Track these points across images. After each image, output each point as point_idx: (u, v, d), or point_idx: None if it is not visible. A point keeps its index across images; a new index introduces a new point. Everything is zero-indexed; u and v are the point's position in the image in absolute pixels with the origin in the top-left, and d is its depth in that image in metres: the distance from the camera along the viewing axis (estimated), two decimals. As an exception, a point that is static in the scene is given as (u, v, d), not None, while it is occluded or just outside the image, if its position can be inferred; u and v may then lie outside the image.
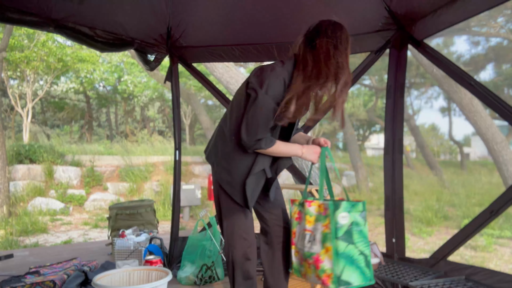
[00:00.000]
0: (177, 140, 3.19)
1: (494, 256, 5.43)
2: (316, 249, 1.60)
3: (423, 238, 6.46)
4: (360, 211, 1.63)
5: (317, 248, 1.60)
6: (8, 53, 10.52)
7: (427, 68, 7.05)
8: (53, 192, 8.61)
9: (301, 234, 1.69)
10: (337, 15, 1.66)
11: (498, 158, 6.24)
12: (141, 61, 3.06)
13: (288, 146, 1.70)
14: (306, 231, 1.66)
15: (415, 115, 19.19)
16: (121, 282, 1.49)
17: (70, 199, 8.65)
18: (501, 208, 2.05)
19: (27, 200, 8.14)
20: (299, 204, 1.75)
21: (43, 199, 8.18)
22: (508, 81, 13.77)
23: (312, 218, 1.66)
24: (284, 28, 2.81)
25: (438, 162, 13.98)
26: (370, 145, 26.28)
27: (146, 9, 2.63)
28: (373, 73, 15.43)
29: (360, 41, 2.71)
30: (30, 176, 8.71)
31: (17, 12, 2.07)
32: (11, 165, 8.60)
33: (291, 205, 1.81)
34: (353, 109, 18.12)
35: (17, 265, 3.26)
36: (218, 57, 3.16)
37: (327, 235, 1.57)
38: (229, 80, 4.25)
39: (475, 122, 6.38)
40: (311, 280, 1.66)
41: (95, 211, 8.51)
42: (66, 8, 2.25)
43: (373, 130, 22.31)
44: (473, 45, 13.18)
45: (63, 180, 9.02)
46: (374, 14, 2.48)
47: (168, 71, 3.19)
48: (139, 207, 3.74)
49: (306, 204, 1.69)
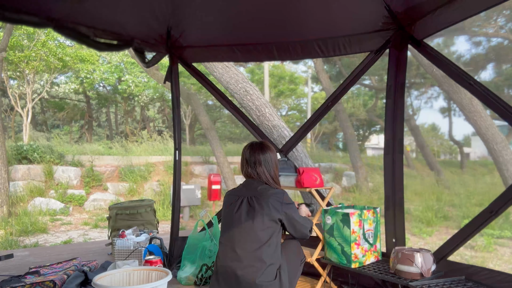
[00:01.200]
0: (177, 140, 3.19)
1: (494, 256, 5.43)
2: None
3: (423, 238, 6.46)
4: (340, 218, 2.40)
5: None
6: (8, 53, 10.52)
7: (427, 68, 7.04)
8: (53, 192, 8.62)
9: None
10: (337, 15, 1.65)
11: (498, 158, 6.24)
12: (139, 59, 3.06)
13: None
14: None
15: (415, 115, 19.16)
16: (121, 282, 1.49)
17: (70, 199, 8.65)
18: (501, 208, 2.05)
19: (27, 200, 8.14)
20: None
21: (43, 199, 8.18)
22: (508, 81, 13.77)
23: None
24: (284, 28, 2.81)
25: (438, 162, 13.99)
26: (370, 145, 26.28)
27: (146, 9, 2.63)
28: (373, 73, 15.44)
29: (360, 41, 2.71)
30: (30, 176, 8.71)
31: (16, 12, 2.06)
32: (11, 165, 8.60)
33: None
34: (353, 109, 18.12)
35: (17, 265, 3.27)
36: (218, 57, 3.16)
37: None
38: (229, 80, 4.24)
39: (475, 122, 6.38)
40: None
41: (95, 211, 8.51)
42: (66, 7, 2.24)
43: (373, 130, 22.29)
44: (474, 45, 13.16)
45: (63, 180, 9.02)
46: (374, 14, 2.47)
47: (168, 71, 3.19)
48: (139, 207, 3.74)
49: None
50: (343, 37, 2.72)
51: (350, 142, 12.17)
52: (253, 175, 2.14)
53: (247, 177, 2.18)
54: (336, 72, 16.26)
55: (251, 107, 4.07)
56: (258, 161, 2.14)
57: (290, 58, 2.99)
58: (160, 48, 3.01)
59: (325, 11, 2.56)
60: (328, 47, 2.79)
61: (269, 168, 2.15)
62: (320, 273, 2.63)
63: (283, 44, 2.90)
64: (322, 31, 2.75)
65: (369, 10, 2.46)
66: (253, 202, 2.02)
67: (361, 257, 2.38)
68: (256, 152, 2.16)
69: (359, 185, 11.29)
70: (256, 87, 4.30)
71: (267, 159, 2.16)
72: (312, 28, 2.76)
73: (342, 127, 12.88)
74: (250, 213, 2.00)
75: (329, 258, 2.49)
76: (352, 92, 18.50)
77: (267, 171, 2.14)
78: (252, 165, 2.15)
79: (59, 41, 12.32)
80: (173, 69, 3.16)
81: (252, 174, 2.15)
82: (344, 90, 2.99)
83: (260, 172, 2.13)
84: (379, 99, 16.71)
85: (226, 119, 20.19)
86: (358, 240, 2.37)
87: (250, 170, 2.15)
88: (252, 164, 2.15)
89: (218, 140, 9.66)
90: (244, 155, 2.19)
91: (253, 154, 2.16)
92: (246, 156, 2.18)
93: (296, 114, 20.91)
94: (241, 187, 2.17)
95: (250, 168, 2.15)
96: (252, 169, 2.15)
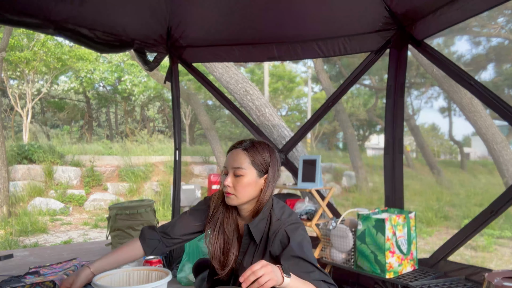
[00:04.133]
0: (177, 140, 3.19)
1: (494, 256, 5.43)
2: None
3: (423, 238, 6.46)
4: (373, 224, 2.23)
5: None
6: (8, 53, 10.52)
7: (427, 68, 7.04)
8: (53, 192, 8.61)
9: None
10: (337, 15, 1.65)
11: (498, 158, 6.24)
12: (141, 61, 3.06)
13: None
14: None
15: (415, 115, 19.15)
16: (121, 282, 1.49)
17: (70, 199, 8.65)
18: (501, 208, 2.05)
19: (27, 200, 8.14)
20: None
21: (43, 199, 8.17)
22: (508, 81, 13.76)
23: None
24: (284, 28, 2.81)
25: (438, 162, 13.98)
26: (370, 145, 26.28)
27: (145, 10, 2.63)
28: (373, 73, 15.43)
29: (360, 41, 2.71)
30: (30, 176, 8.71)
31: (17, 14, 2.06)
32: (11, 165, 8.60)
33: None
34: (353, 109, 18.12)
35: (17, 265, 3.26)
36: (218, 57, 3.16)
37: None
38: (229, 80, 4.24)
39: (475, 122, 6.38)
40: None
41: (95, 211, 8.50)
42: (66, 9, 2.24)
43: (373, 130, 22.29)
44: (474, 45, 13.15)
45: (63, 180, 9.02)
46: (374, 14, 2.47)
47: (168, 71, 3.19)
48: (139, 207, 3.73)
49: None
50: (343, 37, 2.72)
51: (350, 142, 12.16)
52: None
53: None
54: (336, 72, 16.25)
55: (251, 107, 4.07)
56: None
57: (290, 58, 2.99)
58: (160, 48, 3.01)
59: (325, 11, 2.56)
60: (328, 47, 2.79)
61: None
62: (320, 273, 2.63)
63: (283, 44, 2.90)
64: (322, 31, 2.75)
65: (369, 10, 2.46)
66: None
67: (396, 266, 2.19)
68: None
69: (359, 185, 11.28)
70: (256, 87, 4.30)
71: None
72: (312, 28, 2.76)
73: (342, 127, 12.88)
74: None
75: (361, 267, 2.30)
76: (352, 92, 18.49)
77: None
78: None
79: (58, 41, 12.31)
80: (173, 69, 3.16)
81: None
82: (344, 90, 2.99)
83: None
84: (379, 99, 16.70)
85: (226, 119, 20.19)
86: (393, 248, 2.19)
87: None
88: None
89: (218, 140, 9.65)
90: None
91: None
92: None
93: (296, 114, 20.91)
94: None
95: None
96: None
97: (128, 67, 14.64)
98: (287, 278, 1.11)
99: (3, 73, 11.58)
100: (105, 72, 14.42)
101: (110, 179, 9.83)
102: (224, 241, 1.44)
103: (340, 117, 12.55)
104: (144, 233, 1.53)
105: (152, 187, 9.78)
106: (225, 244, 1.43)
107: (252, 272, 1.07)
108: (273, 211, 1.39)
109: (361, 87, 18.52)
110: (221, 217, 1.45)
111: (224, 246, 1.43)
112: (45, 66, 12.57)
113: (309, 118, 3.26)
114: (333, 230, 2.46)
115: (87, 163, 9.79)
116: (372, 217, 2.24)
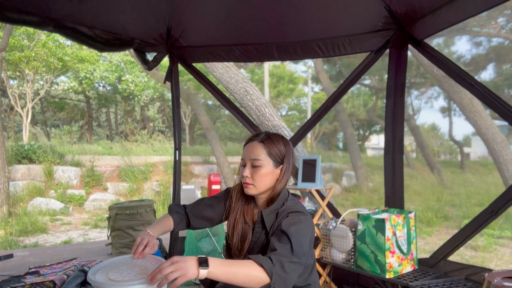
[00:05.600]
0: (177, 140, 3.19)
1: (494, 256, 5.43)
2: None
3: (423, 238, 6.46)
4: (373, 224, 2.23)
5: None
6: (8, 53, 10.52)
7: (427, 68, 7.04)
8: (53, 192, 8.61)
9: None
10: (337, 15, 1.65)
11: (498, 158, 6.23)
12: (140, 60, 3.06)
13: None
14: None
15: (415, 115, 19.14)
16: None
17: (70, 199, 8.65)
18: (501, 208, 2.05)
19: (27, 200, 8.14)
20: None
21: (43, 199, 8.17)
22: (508, 81, 13.76)
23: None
24: (284, 28, 2.80)
25: (438, 162, 13.97)
26: (370, 145, 26.30)
27: (145, 9, 2.63)
28: (373, 73, 15.44)
29: (360, 41, 2.71)
30: (30, 176, 8.71)
31: (17, 12, 2.06)
32: (11, 165, 8.60)
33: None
34: (353, 109, 18.13)
35: (17, 265, 3.26)
36: (218, 57, 3.15)
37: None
38: (229, 80, 4.24)
39: (475, 122, 6.38)
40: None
41: (95, 211, 8.51)
42: (66, 7, 2.24)
43: (373, 130, 22.30)
44: (474, 45, 13.15)
45: (63, 180, 9.02)
46: (374, 14, 2.47)
47: (168, 71, 3.19)
48: (139, 207, 3.73)
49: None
50: (343, 37, 2.72)
51: (350, 142, 12.17)
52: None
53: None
54: (336, 72, 16.26)
55: (251, 107, 4.07)
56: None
57: (290, 58, 2.99)
58: (160, 48, 3.01)
59: (325, 11, 2.56)
60: (328, 47, 2.79)
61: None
62: (320, 273, 2.63)
63: (283, 44, 2.90)
64: (322, 31, 2.75)
65: (369, 10, 2.46)
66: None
67: (396, 266, 2.20)
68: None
69: (359, 185, 11.28)
70: (256, 87, 4.30)
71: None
72: (312, 28, 2.76)
73: (342, 127, 12.89)
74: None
75: (361, 267, 2.31)
76: (352, 92, 18.51)
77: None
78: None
79: (59, 41, 12.32)
80: (173, 69, 3.16)
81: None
82: (344, 90, 2.99)
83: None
84: (379, 99, 16.70)
85: (226, 119, 20.20)
86: (393, 248, 2.20)
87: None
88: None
89: (218, 140, 9.66)
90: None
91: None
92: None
93: (296, 114, 20.92)
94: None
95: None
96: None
97: (129, 67, 14.65)
98: (203, 270, 1.11)
99: (3, 73, 11.58)
100: (105, 71, 14.43)
101: (110, 179, 9.84)
102: (242, 230, 1.51)
103: (340, 117, 12.56)
104: (171, 208, 1.61)
105: (152, 187, 9.78)
106: (243, 232, 1.51)
107: (159, 270, 1.09)
108: (287, 202, 1.45)
109: (361, 87, 18.53)
110: (241, 207, 1.54)
111: (242, 235, 1.51)
112: (45, 66, 12.56)
113: (309, 118, 3.25)
114: (333, 230, 2.46)
115: (87, 163, 9.80)
116: (372, 217, 2.25)
